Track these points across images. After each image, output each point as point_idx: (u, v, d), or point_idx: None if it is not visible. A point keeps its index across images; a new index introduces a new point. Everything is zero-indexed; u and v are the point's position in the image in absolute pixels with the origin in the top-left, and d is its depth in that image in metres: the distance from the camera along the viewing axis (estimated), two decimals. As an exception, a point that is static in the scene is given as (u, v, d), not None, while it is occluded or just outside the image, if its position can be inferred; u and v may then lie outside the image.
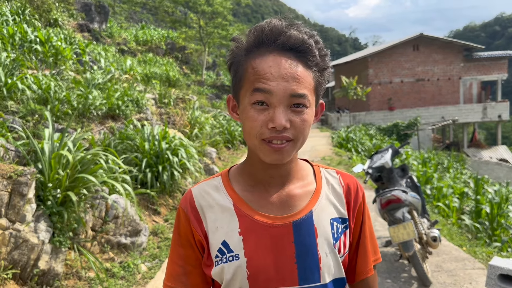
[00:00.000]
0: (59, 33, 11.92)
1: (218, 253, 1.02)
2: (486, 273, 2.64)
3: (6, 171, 3.42)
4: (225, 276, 1.00)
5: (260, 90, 0.94)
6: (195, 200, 1.07)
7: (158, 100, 11.20)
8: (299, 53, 0.97)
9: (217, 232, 1.03)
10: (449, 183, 11.17)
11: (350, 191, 1.11)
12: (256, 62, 0.96)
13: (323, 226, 1.03)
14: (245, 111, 0.98)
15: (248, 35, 1.00)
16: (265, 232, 1.00)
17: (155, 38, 21.49)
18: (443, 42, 27.37)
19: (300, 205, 1.05)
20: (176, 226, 1.08)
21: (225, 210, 1.04)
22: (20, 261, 3.42)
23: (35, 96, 6.58)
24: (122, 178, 4.82)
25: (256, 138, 0.96)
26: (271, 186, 1.06)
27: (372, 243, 1.14)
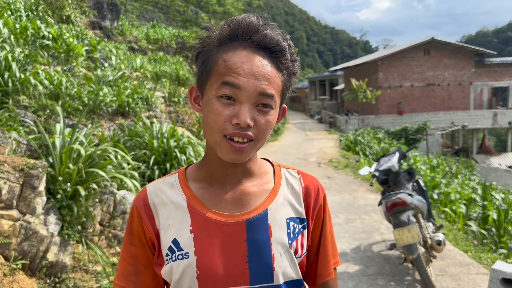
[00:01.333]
0: (71, 29, 12.05)
1: (168, 251, 0.99)
2: (489, 278, 2.65)
3: (18, 164, 3.49)
4: (173, 275, 0.98)
5: (230, 84, 0.92)
6: (148, 197, 1.04)
7: (168, 99, 11.29)
8: (272, 54, 0.96)
9: (168, 230, 1.00)
10: (457, 189, 11.12)
11: (309, 192, 1.08)
12: (228, 55, 0.94)
13: (278, 226, 1.01)
14: (210, 103, 0.95)
15: (223, 26, 0.98)
16: (217, 230, 0.98)
17: (166, 37, 21.60)
18: (455, 47, 27.19)
19: (255, 203, 1.02)
20: (129, 224, 1.05)
21: (178, 208, 1.01)
22: (29, 252, 3.49)
23: (46, 91, 6.67)
24: (130, 174, 4.88)
25: (218, 133, 0.93)
26: (227, 184, 1.03)
27: (333, 246, 1.11)
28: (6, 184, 3.32)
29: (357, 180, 9.73)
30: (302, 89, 51.79)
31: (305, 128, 26.33)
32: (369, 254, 5.04)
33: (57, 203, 3.81)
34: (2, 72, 5.97)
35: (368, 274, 4.45)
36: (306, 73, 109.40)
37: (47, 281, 3.66)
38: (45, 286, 3.60)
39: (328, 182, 9.57)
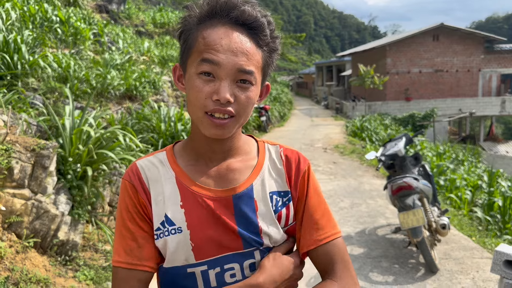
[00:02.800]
0: (78, 13, 12.04)
1: (160, 225, 1.01)
2: (492, 259, 2.69)
3: (29, 144, 3.56)
4: (168, 249, 1.00)
5: (208, 61, 0.93)
6: (141, 172, 1.05)
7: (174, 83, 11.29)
8: (251, 30, 0.97)
9: (159, 205, 1.02)
10: (463, 176, 11.11)
11: (290, 163, 1.10)
12: (207, 32, 0.96)
13: (262, 200, 1.04)
14: (191, 80, 0.97)
15: (202, 4, 0.99)
16: (206, 205, 1.01)
17: (173, 20, 21.49)
18: (464, 33, 26.84)
19: (241, 179, 1.05)
20: (122, 202, 1.04)
21: (168, 184, 1.04)
22: (41, 231, 3.57)
23: (55, 74, 6.72)
24: (139, 156, 4.93)
25: (200, 109, 0.96)
26: (213, 161, 1.07)
27: (323, 217, 1.08)
28: (18, 163, 3.38)
29: (363, 165, 9.75)
30: (309, 74, 51.52)
31: (312, 114, 26.28)
32: (374, 237, 5.09)
33: (67, 183, 3.88)
34: (12, 54, 6.01)
35: (373, 256, 4.51)
36: (313, 58, 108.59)
37: (58, 259, 3.75)
38: (56, 263, 3.70)
39: (334, 168, 9.61)
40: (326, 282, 1.03)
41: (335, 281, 1.02)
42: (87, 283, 3.71)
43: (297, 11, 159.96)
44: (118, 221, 1.05)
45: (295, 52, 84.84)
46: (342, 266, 1.04)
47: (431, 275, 4.01)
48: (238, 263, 1.02)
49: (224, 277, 1.02)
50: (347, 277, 1.03)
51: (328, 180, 8.31)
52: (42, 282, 3.36)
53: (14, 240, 3.41)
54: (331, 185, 7.85)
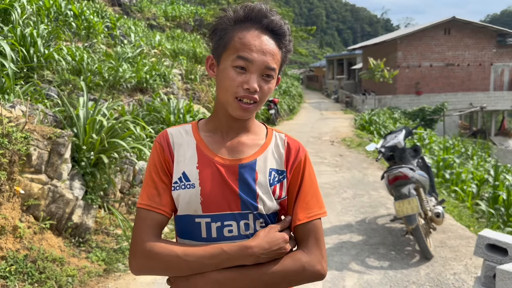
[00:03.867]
0: (91, 6, 12.30)
1: (178, 180, 1.26)
2: (475, 243, 2.87)
3: (46, 133, 3.80)
4: (181, 200, 1.25)
5: (244, 58, 1.19)
6: (169, 137, 1.31)
7: (185, 76, 11.52)
8: (276, 35, 1.24)
9: (180, 164, 1.28)
10: (470, 170, 11.19)
11: (290, 150, 1.33)
12: (243, 33, 1.21)
13: (263, 173, 1.28)
14: (226, 71, 1.21)
15: (238, 10, 1.24)
16: (216, 169, 1.25)
17: (184, 14, 21.69)
18: (476, 26, 26.63)
19: (248, 153, 1.30)
20: (152, 157, 1.31)
21: (190, 148, 1.29)
22: (56, 214, 3.83)
23: (69, 67, 6.97)
24: (149, 146, 5.17)
25: (231, 95, 1.21)
26: (228, 135, 1.31)
27: (313, 199, 1.31)
28: (35, 150, 3.63)
29: (369, 158, 9.90)
30: (319, 68, 51.40)
31: (321, 108, 26.36)
32: (373, 226, 5.28)
33: (81, 170, 4.13)
34: (28, 47, 6.27)
35: (371, 243, 4.70)
36: (324, 51, 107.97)
37: (72, 240, 4.01)
38: (70, 245, 3.96)
39: (340, 160, 9.78)
40: (298, 251, 1.26)
41: (305, 252, 1.25)
42: (99, 264, 3.96)
43: (309, 3, 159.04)
44: (146, 173, 1.31)
45: (306, 45, 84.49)
46: (313, 241, 1.26)
47: (425, 262, 4.20)
48: (235, 221, 1.24)
49: (223, 231, 1.24)
50: (316, 250, 1.26)
51: (334, 172, 8.49)
52: (58, 261, 3.62)
53: (32, 222, 3.68)
54: (336, 176, 8.02)
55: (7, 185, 3.39)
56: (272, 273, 1.21)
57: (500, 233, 2.88)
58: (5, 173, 3.32)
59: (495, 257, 2.75)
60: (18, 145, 3.47)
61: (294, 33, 35.03)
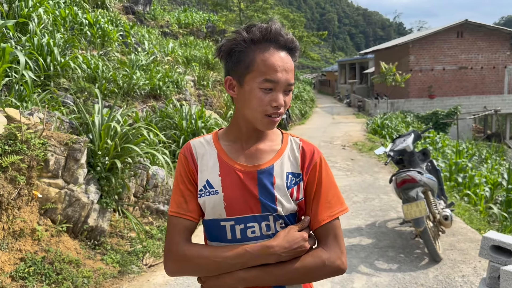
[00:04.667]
0: (106, 15, 12.56)
1: (202, 188, 1.37)
2: (480, 244, 2.92)
3: (63, 139, 3.95)
4: (207, 205, 1.36)
5: (271, 80, 1.28)
6: (192, 148, 1.43)
7: (197, 82, 11.68)
8: (290, 51, 1.34)
9: (204, 172, 1.38)
10: (483, 173, 11.12)
11: (305, 153, 1.41)
12: (265, 56, 1.29)
13: (280, 177, 1.36)
14: (253, 92, 1.29)
15: (254, 31, 1.31)
16: (237, 176, 1.35)
17: (196, 21, 21.96)
18: (489, 29, 26.41)
19: (266, 159, 1.39)
20: (178, 169, 1.43)
21: (212, 157, 1.40)
22: (72, 217, 3.97)
23: (84, 75, 7.17)
24: (162, 151, 5.29)
25: (261, 113, 1.30)
26: (247, 143, 1.41)
27: (332, 200, 1.38)
28: (53, 156, 3.78)
29: (380, 162, 9.91)
30: (331, 72, 51.36)
31: (333, 112, 26.35)
32: (383, 229, 5.32)
33: (96, 174, 4.27)
34: (45, 56, 6.47)
35: (380, 246, 4.75)
36: (336, 56, 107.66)
37: (87, 243, 4.14)
38: (85, 247, 4.09)
39: (351, 164, 9.81)
40: (318, 249, 1.35)
41: (325, 249, 1.33)
42: (113, 266, 4.09)
43: (320, 8, 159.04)
44: (174, 183, 1.43)
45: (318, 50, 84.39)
46: (333, 239, 1.35)
47: (434, 264, 4.23)
48: (257, 223, 1.34)
49: (247, 232, 1.34)
50: (335, 247, 1.34)
51: (344, 176, 8.53)
52: (74, 263, 3.75)
53: (49, 225, 3.82)
54: (346, 181, 8.07)
55: (25, 190, 3.53)
56: (294, 270, 1.30)
57: (505, 235, 2.92)
58: (24, 178, 3.47)
59: (500, 258, 2.79)
60: (36, 151, 3.62)
61: (306, 38, 35.14)
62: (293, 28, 36.11)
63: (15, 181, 3.42)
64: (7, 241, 3.37)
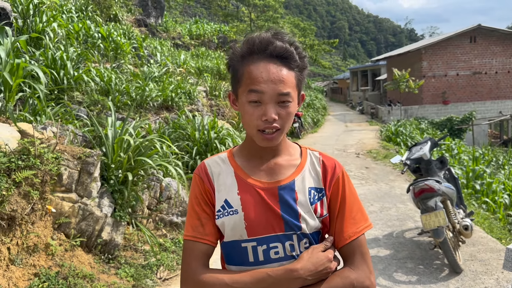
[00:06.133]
0: (118, 28, 12.69)
1: (221, 208, 1.29)
2: (504, 256, 2.81)
3: (76, 153, 3.94)
4: (226, 226, 1.28)
5: (254, 91, 1.21)
6: (207, 168, 1.36)
7: (209, 93, 11.70)
8: (283, 59, 1.24)
9: (221, 192, 1.31)
10: (501, 180, 10.89)
11: (326, 168, 1.35)
12: (250, 68, 1.23)
13: (302, 192, 1.29)
14: (243, 107, 1.24)
15: (242, 45, 1.27)
16: (257, 193, 1.28)
17: (208, 32, 22.12)
18: (503, 33, 26.10)
19: (286, 174, 1.32)
20: (193, 190, 1.35)
21: (228, 176, 1.33)
22: (86, 231, 3.94)
23: (97, 87, 7.22)
24: (175, 163, 5.27)
25: (253, 128, 1.24)
26: (264, 159, 1.34)
27: (356, 215, 1.32)
28: (66, 170, 3.77)
29: (395, 170, 9.77)
30: (343, 80, 51.22)
31: (346, 120, 26.20)
32: (401, 240, 5.21)
33: (110, 187, 4.25)
34: (58, 70, 6.53)
35: (398, 258, 4.64)
36: (348, 63, 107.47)
37: (101, 257, 4.11)
38: (99, 261, 4.06)
39: (366, 172, 9.68)
40: (345, 269, 1.28)
41: (352, 269, 1.26)
42: (127, 280, 4.04)
43: (331, 16, 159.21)
44: (189, 205, 1.35)
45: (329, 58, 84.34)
46: (360, 257, 1.28)
47: (455, 276, 4.11)
48: (280, 242, 1.26)
49: (270, 254, 1.26)
50: (363, 266, 1.27)
51: (359, 185, 8.41)
52: (88, 277, 3.71)
53: (63, 239, 3.80)
54: (361, 189, 7.95)
55: (39, 204, 3.52)
56: None
57: (530, 246, 2.81)
58: (37, 192, 3.46)
59: (526, 271, 2.68)
60: (50, 165, 3.61)
61: (317, 46, 35.11)
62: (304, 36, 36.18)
63: (29, 196, 3.41)
64: (21, 257, 3.35)
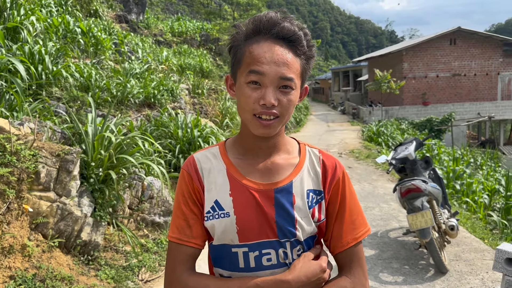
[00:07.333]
0: (99, 23, 12.43)
1: (210, 209, 1.18)
2: (494, 257, 2.79)
3: (55, 150, 3.79)
4: (216, 229, 1.17)
5: (255, 71, 1.09)
6: (197, 163, 1.23)
7: (192, 91, 11.56)
8: (290, 43, 1.13)
9: (211, 192, 1.19)
10: (480, 180, 11.05)
11: (326, 168, 1.24)
12: (253, 47, 1.12)
13: (300, 195, 1.19)
14: (241, 88, 1.13)
15: (248, 23, 1.16)
16: (251, 195, 1.17)
17: (190, 29, 21.90)
18: (482, 36, 26.61)
19: (283, 175, 1.21)
20: (180, 187, 1.23)
21: (220, 174, 1.21)
22: (65, 232, 3.79)
23: (77, 83, 7.01)
24: (157, 161, 5.14)
25: (249, 112, 1.12)
26: (259, 156, 1.22)
27: (355, 220, 1.23)
28: (44, 168, 3.61)
29: (378, 170, 9.81)
30: (325, 80, 51.49)
31: (328, 120, 26.31)
32: (386, 240, 5.19)
33: (90, 186, 4.11)
34: (37, 65, 6.31)
35: (384, 258, 4.61)
36: (330, 64, 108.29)
37: (81, 258, 3.96)
38: (79, 263, 3.91)
39: (349, 172, 9.69)
40: (341, 278, 1.20)
41: (349, 278, 1.19)
42: (108, 282, 3.91)
43: (313, 17, 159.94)
44: (175, 203, 1.24)
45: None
46: (357, 265, 1.21)
47: (441, 276, 4.10)
48: (274, 249, 1.17)
49: (262, 260, 1.17)
50: (360, 274, 1.20)
51: (343, 184, 8.40)
52: (67, 279, 3.57)
53: (40, 240, 3.64)
54: (345, 189, 7.93)
55: (15, 204, 3.36)
56: None
57: (520, 247, 2.80)
58: (13, 191, 3.30)
59: (515, 271, 2.66)
60: (27, 163, 3.45)
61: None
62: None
63: (4, 195, 3.25)
64: (-4, 259, 3.20)
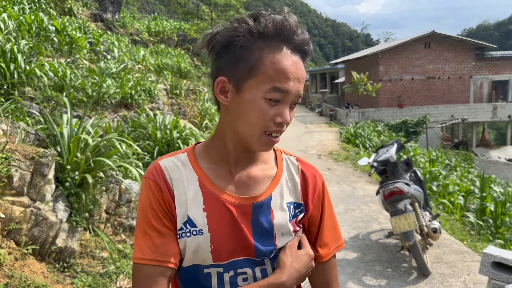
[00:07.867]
0: (73, 22, 12.12)
1: (183, 225, 1.04)
2: (480, 261, 2.78)
3: (28, 152, 3.62)
4: (187, 249, 1.04)
5: (281, 90, 0.97)
6: (165, 172, 1.07)
7: (170, 91, 11.38)
8: (304, 54, 1.03)
9: (182, 206, 1.04)
10: (455, 181, 11.24)
11: (306, 179, 1.15)
12: (276, 58, 0.97)
13: (279, 209, 1.09)
14: (255, 103, 0.98)
15: (263, 22, 0.98)
16: (227, 210, 1.05)
17: (167, 29, 21.65)
18: (455, 40, 27.21)
19: (261, 188, 1.10)
20: (147, 198, 1.05)
21: (191, 186, 1.06)
22: (39, 238, 3.62)
23: (51, 83, 6.78)
24: (135, 164, 5.00)
25: (260, 129, 0.99)
26: (236, 167, 1.10)
27: (333, 231, 1.18)
28: (17, 171, 3.44)
29: (357, 171, 9.85)
30: (302, 82, 51.68)
31: (306, 121, 26.40)
32: (367, 242, 5.18)
33: (65, 190, 3.94)
34: (8, 63, 6.07)
35: (366, 261, 4.59)
36: (307, 66, 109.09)
37: (56, 265, 3.79)
38: (54, 270, 3.74)
39: (328, 174, 9.70)
40: None
41: None
42: (85, 289, 3.75)
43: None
44: (141, 218, 1.05)
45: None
46: (334, 280, 1.18)
47: (423, 279, 4.10)
48: (250, 268, 1.07)
49: (237, 280, 1.06)
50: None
51: (322, 186, 8.39)
52: (41, 288, 3.40)
53: (13, 247, 3.46)
54: (325, 191, 7.92)
55: (-14, 209, 3.19)
56: None
57: (505, 251, 2.80)
58: (-16, 196, 3.13)
59: (502, 275, 2.66)
60: (-2, 166, 3.28)
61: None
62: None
63: (-26, 200, 3.07)
64: (-36, 268, 3.02)
